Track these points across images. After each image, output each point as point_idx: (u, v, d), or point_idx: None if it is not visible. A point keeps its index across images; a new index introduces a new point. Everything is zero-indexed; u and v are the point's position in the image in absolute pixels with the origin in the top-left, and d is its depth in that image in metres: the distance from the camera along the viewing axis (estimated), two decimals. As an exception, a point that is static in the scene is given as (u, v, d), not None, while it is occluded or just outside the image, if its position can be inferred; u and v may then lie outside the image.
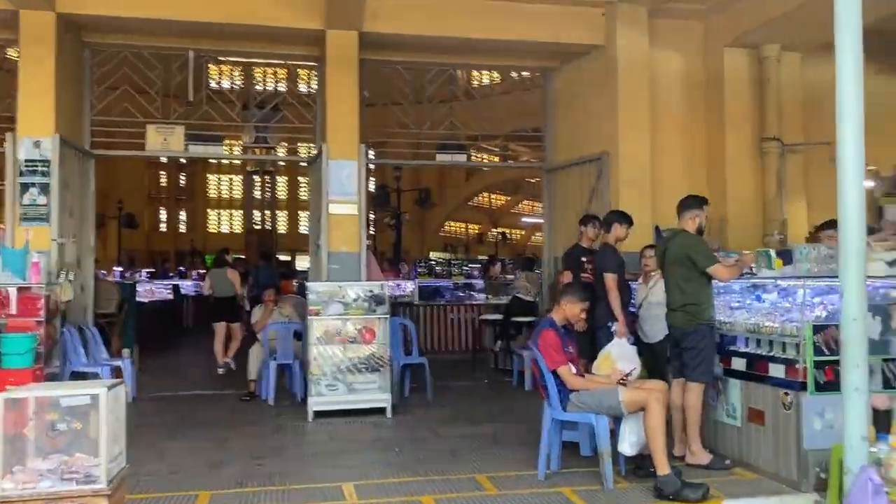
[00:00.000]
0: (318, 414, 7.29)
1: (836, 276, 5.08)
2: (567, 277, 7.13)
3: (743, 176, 9.26)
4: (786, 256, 6.64)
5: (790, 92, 9.37)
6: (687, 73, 9.51)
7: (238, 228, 37.95)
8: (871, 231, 6.84)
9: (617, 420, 5.03)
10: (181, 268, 22.30)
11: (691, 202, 5.67)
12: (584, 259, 7.15)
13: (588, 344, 6.31)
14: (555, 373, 5.03)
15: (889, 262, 4.89)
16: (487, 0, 8.97)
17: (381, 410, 7.38)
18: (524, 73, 12.24)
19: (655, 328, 6.71)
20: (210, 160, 35.28)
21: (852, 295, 3.85)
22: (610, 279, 6.44)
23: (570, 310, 5.24)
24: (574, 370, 5.08)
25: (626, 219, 6.78)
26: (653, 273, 7.01)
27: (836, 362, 4.82)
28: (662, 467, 4.72)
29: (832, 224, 6.72)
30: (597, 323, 6.38)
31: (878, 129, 9.61)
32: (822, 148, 9.37)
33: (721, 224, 9.06)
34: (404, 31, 8.96)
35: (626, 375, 5.26)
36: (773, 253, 6.06)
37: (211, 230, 38.20)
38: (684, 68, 9.50)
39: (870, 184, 9.49)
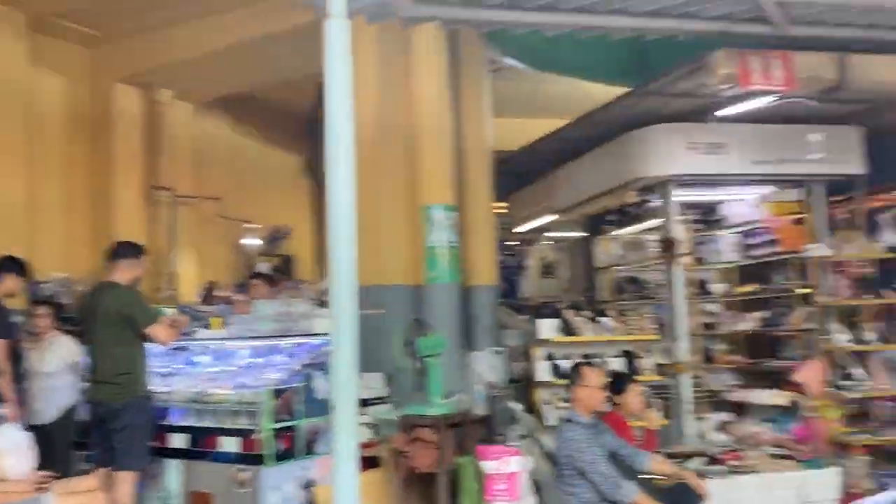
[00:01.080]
0: None
1: (293, 335, 4.95)
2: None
3: (132, 224, 8.43)
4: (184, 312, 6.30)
5: (182, 142, 9.07)
6: (73, 103, 8.28)
7: None
8: (241, 288, 7.06)
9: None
10: None
11: (128, 250, 4.74)
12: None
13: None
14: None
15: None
16: None
17: None
18: None
19: (49, 405, 5.48)
20: None
21: (344, 357, 3.62)
22: (1, 347, 4.89)
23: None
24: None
25: (17, 267, 5.31)
26: (45, 336, 5.70)
27: (293, 428, 4.62)
28: None
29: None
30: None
31: (263, 191, 10.25)
32: (213, 202, 9.39)
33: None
34: None
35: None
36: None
37: None
38: (70, 96, 8.26)
39: (252, 242, 9.94)
